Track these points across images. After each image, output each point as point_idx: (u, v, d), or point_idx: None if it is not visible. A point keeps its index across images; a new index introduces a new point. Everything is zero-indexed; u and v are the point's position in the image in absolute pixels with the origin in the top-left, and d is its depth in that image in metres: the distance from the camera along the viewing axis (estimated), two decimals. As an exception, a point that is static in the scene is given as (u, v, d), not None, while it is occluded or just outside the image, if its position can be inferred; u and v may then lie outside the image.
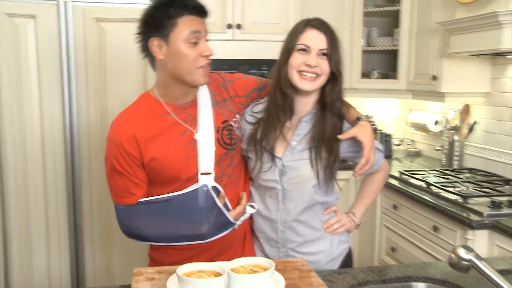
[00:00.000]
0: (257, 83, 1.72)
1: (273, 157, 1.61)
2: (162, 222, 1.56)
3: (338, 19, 3.46)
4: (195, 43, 1.49)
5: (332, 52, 1.55)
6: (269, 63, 3.03)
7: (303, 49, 1.55)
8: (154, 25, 1.50)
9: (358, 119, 1.59)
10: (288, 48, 1.58)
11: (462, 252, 1.20)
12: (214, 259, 1.57)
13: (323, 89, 1.61)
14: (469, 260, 1.19)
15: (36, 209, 2.75)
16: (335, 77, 1.58)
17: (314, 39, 1.54)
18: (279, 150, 1.62)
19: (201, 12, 1.51)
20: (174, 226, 1.56)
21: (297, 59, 1.55)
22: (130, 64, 2.82)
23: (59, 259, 2.82)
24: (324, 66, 1.55)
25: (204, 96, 1.60)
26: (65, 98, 2.73)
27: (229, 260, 1.28)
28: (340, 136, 1.56)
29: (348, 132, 1.55)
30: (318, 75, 1.55)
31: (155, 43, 1.50)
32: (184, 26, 1.47)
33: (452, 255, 1.21)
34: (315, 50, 1.54)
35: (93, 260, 2.88)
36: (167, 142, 1.54)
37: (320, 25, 1.56)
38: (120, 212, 1.59)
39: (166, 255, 1.65)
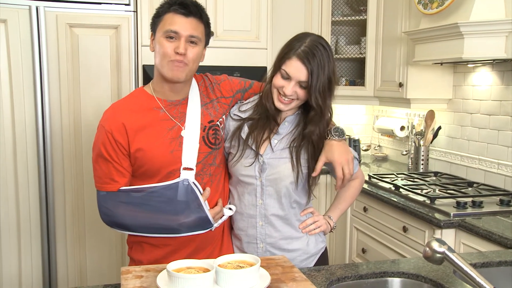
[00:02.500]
0: (241, 85, 1.79)
1: (255, 153, 1.66)
2: (140, 212, 1.61)
3: (307, 27, 3.56)
4: (172, 39, 1.56)
5: (312, 84, 1.56)
6: (241, 69, 3.09)
7: (286, 76, 1.59)
8: (152, 21, 1.63)
9: (327, 134, 1.64)
10: (276, 65, 1.62)
11: (436, 246, 1.28)
12: (191, 256, 1.61)
13: (307, 107, 1.66)
14: (442, 253, 1.27)
15: (7, 214, 2.72)
16: (317, 111, 1.61)
17: (296, 70, 1.56)
18: (261, 148, 1.67)
19: (186, 9, 1.56)
20: (152, 216, 1.61)
21: (278, 81, 1.60)
22: (104, 69, 2.83)
23: (31, 263, 2.79)
24: (300, 94, 1.60)
25: (195, 96, 1.68)
26: (38, 103, 2.71)
27: (207, 258, 1.31)
28: (314, 174, 1.62)
29: (318, 164, 1.61)
30: (294, 99, 1.61)
31: (151, 37, 1.63)
32: (166, 21, 1.57)
33: (427, 248, 1.29)
34: (294, 80, 1.57)
35: (65, 264, 2.85)
36: (155, 135, 1.59)
37: (306, 56, 1.55)
38: (101, 198, 1.63)
39: (142, 252, 1.69)
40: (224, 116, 1.74)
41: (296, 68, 1.56)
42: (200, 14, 1.59)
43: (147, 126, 1.60)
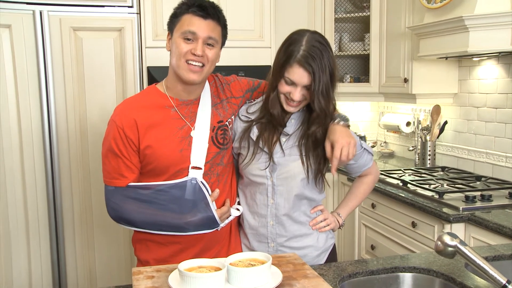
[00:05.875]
0: (249, 85, 1.80)
1: (267, 155, 1.66)
2: (147, 208, 1.61)
3: (310, 25, 3.55)
4: (190, 40, 1.57)
5: (315, 88, 1.56)
6: (245, 68, 3.09)
7: (290, 83, 1.58)
8: (170, 20, 1.64)
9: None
10: (277, 73, 1.60)
11: (447, 239, 1.27)
12: (198, 256, 1.61)
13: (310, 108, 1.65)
14: (455, 246, 1.26)
15: (16, 217, 2.72)
16: (319, 114, 1.61)
17: (299, 77, 1.56)
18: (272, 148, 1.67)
19: (204, 11, 1.56)
20: (158, 213, 1.61)
21: (284, 88, 1.59)
22: (108, 72, 2.83)
23: (40, 266, 2.80)
24: (308, 96, 1.60)
25: (206, 97, 1.69)
26: (44, 107, 2.72)
27: (214, 257, 1.31)
28: (334, 172, 1.62)
29: (326, 148, 1.59)
30: (302, 101, 1.62)
31: (168, 37, 1.64)
32: (184, 22, 1.58)
33: (439, 242, 1.28)
34: (300, 85, 1.57)
35: (75, 266, 2.86)
36: (165, 133, 1.60)
37: (306, 61, 1.54)
38: (109, 193, 1.63)
39: (148, 251, 1.70)
40: (233, 116, 1.75)
41: (299, 75, 1.56)
42: (218, 16, 1.60)
43: (158, 124, 1.61)
